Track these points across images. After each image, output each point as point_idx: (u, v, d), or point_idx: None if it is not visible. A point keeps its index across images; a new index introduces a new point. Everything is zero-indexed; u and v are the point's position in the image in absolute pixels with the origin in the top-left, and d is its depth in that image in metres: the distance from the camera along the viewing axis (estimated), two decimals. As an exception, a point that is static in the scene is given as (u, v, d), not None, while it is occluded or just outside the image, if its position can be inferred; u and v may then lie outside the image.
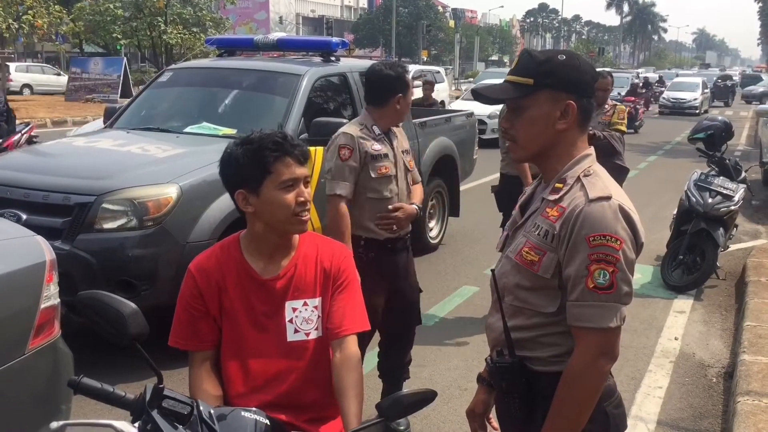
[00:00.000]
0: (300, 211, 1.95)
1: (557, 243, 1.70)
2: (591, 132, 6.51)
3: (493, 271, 1.88)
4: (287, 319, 2.01)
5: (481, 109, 12.17)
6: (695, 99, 28.86)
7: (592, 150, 1.83)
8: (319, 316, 2.03)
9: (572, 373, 1.70)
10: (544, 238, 1.73)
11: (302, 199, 1.95)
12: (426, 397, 1.71)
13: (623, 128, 6.42)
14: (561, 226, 1.70)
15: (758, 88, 38.94)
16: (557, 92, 1.74)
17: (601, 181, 1.74)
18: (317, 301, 2.04)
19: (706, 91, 30.39)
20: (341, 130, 3.61)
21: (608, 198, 1.68)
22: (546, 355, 1.78)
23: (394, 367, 3.87)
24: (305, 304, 2.02)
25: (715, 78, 35.70)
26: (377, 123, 3.57)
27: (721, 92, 34.74)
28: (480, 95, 1.87)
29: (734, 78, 41.78)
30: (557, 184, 1.77)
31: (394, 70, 3.54)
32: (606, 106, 6.48)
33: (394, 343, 3.83)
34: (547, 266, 1.72)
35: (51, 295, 2.68)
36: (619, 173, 6.45)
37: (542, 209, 1.77)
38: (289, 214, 1.94)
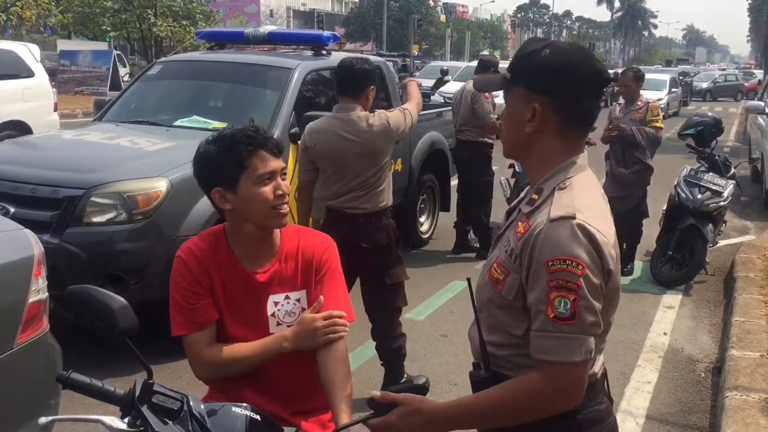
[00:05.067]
0: (279, 204, 1.93)
1: (519, 264, 1.55)
2: (613, 134, 6.39)
3: (468, 279, 1.74)
4: (269, 313, 2.00)
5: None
6: (660, 99, 24.45)
7: (579, 158, 1.63)
8: (302, 309, 2.02)
9: (521, 393, 1.54)
10: (509, 256, 1.59)
11: (280, 192, 1.93)
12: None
13: (660, 124, 6.44)
14: (522, 247, 1.54)
15: (702, 84, 38.40)
16: (529, 92, 1.59)
17: (571, 196, 1.55)
18: (299, 294, 2.03)
19: (674, 90, 26.29)
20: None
21: (571, 217, 1.49)
22: (519, 376, 1.62)
23: None
24: (287, 297, 2.02)
25: (677, 76, 31.58)
26: None
27: (683, 89, 30.90)
28: (477, 86, 1.97)
29: (692, 75, 39.27)
30: (534, 195, 1.62)
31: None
32: (639, 103, 6.46)
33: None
34: (510, 287, 1.58)
35: (39, 289, 2.66)
36: (644, 172, 6.42)
37: (516, 222, 1.64)
38: (268, 208, 1.92)
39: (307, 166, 3.86)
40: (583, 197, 1.56)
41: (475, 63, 21.56)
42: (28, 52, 10.97)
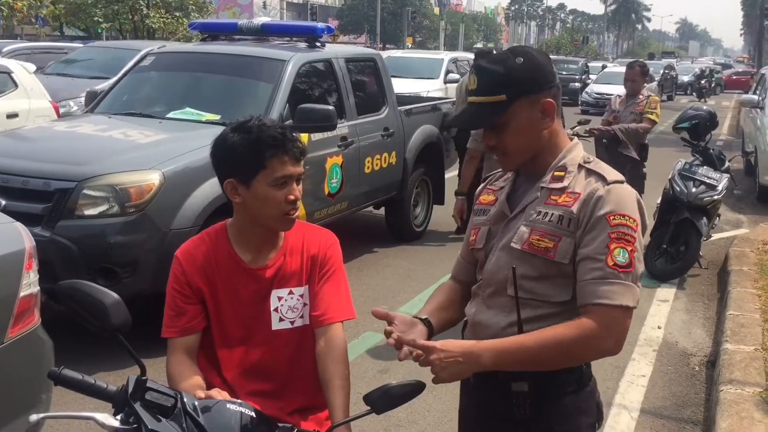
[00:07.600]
0: (289, 210, 1.91)
1: (575, 227, 1.71)
2: (588, 130, 6.37)
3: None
4: (272, 308, 1.99)
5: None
6: (621, 95, 22.92)
7: (576, 140, 1.87)
8: (305, 304, 2.01)
9: (575, 334, 1.65)
10: (558, 223, 1.72)
11: (292, 197, 1.90)
12: (415, 389, 1.69)
13: (654, 117, 6.43)
14: (580, 209, 1.71)
15: (683, 77, 37.30)
16: (532, 96, 1.75)
17: (606, 167, 1.79)
18: (303, 289, 2.01)
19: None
20: None
21: (623, 182, 1.75)
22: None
23: None
24: (291, 292, 2.00)
25: (662, 69, 30.35)
26: None
27: (667, 83, 30.70)
28: (458, 124, 1.97)
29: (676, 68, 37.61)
30: (557, 173, 1.78)
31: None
32: (640, 96, 6.46)
33: None
34: (564, 251, 1.72)
35: (31, 283, 2.64)
36: (635, 170, 6.29)
37: (544, 198, 1.77)
38: (278, 212, 1.90)
39: (476, 137, 4.47)
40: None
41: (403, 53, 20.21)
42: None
